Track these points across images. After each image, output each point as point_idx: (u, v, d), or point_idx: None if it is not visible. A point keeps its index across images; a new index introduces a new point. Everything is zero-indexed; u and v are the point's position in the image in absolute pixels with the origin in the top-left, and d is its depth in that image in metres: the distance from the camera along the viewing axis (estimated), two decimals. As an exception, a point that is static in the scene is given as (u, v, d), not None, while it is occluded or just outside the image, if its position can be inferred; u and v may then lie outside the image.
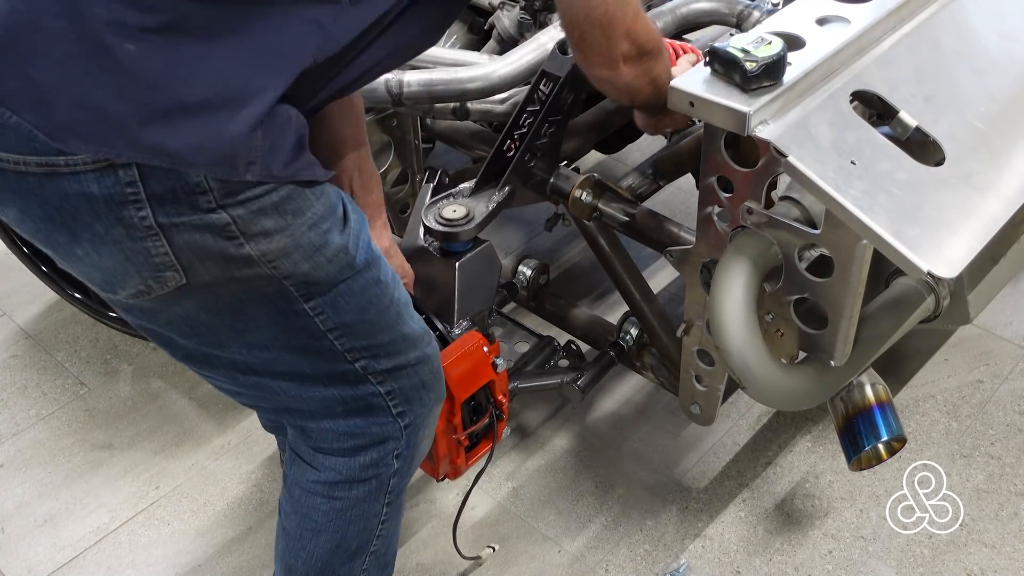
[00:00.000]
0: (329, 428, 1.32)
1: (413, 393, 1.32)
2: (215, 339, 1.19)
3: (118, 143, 0.96)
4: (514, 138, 1.57)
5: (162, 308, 1.14)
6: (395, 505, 1.43)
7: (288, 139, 1.06)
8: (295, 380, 1.25)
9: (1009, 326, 2.20)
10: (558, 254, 2.52)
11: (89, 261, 1.07)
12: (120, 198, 0.99)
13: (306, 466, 1.36)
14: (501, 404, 1.59)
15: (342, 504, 1.37)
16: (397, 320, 1.26)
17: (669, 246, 1.47)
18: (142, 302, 1.13)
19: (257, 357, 1.21)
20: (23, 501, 1.98)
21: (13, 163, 0.98)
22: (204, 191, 1.01)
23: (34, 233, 1.07)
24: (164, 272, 1.07)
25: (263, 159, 1.03)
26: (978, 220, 1.16)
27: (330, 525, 1.38)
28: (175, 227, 1.03)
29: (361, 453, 1.33)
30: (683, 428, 2.05)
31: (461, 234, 1.54)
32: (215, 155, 0.99)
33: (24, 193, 1.01)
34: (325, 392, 1.27)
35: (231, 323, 1.17)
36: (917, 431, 1.99)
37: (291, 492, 1.40)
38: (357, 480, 1.35)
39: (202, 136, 0.98)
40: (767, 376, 1.30)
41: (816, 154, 1.15)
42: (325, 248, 1.13)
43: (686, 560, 1.80)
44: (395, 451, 1.35)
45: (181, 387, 2.22)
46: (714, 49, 1.20)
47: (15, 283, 2.50)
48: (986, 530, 1.81)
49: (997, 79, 1.33)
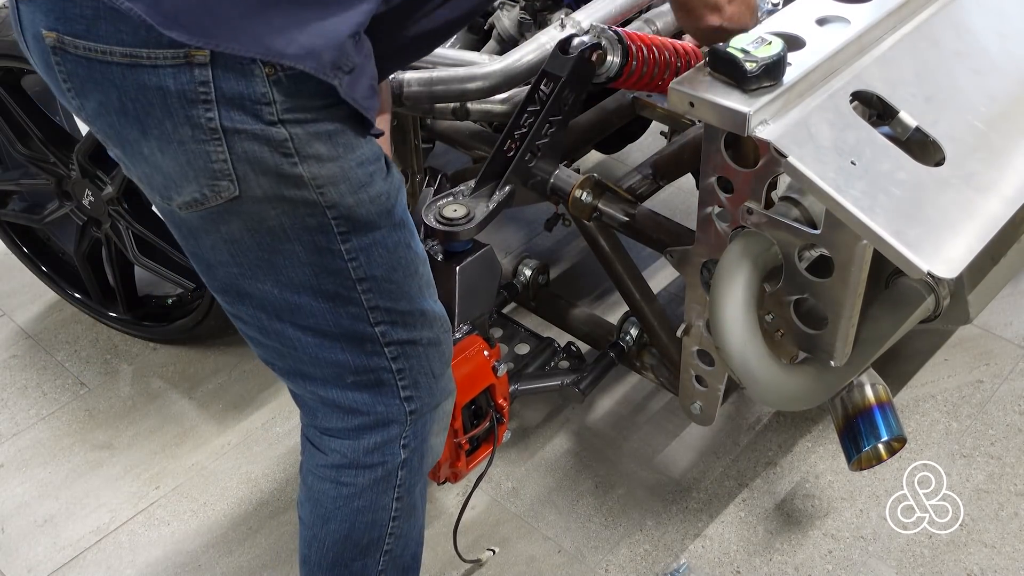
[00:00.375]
0: (335, 400, 1.33)
1: (421, 378, 1.34)
2: (252, 271, 1.23)
3: (219, 34, 1.02)
4: (514, 138, 1.57)
5: (210, 227, 1.19)
6: (407, 503, 1.43)
7: (368, 72, 1.12)
8: (316, 335, 1.28)
9: (1009, 326, 2.20)
10: (558, 254, 2.52)
11: (153, 161, 1.12)
12: (192, 95, 1.05)
13: (315, 451, 1.39)
14: (501, 408, 1.59)
15: (349, 491, 1.38)
16: (420, 293, 1.30)
17: (669, 246, 1.47)
18: (192, 215, 1.17)
19: (287, 300, 1.25)
20: (23, 501, 1.98)
21: (100, 52, 1.04)
22: (268, 102, 1.07)
23: (107, 128, 1.12)
24: (220, 180, 1.12)
25: (350, 77, 1.09)
26: (978, 220, 1.16)
27: (338, 512, 1.39)
28: (237, 133, 1.08)
29: (366, 435, 1.35)
30: (683, 428, 2.05)
31: (461, 233, 1.54)
32: (313, 48, 1.05)
33: (106, 83, 1.06)
34: (340, 356, 1.29)
35: (270, 255, 1.21)
36: (917, 431, 1.99)
37: (305, 480, 1.42)
38: (363, 465, 1.37)
39: (310, 32, 1.04)
40: (767, 376, 1.30)
41: (816, 154, 1.15)
42: (369, 187, 1.18)
43: (686, 560, 1.81)
44: (401, 438, 1.36)
45: (181, 387, 2.22)
46: (714, 49, 1.20)
47: (15, 283, 2.50)
48: (986, 530, 1.81)
49: (997, 79, 1.33)
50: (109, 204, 2.07)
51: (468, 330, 1.58)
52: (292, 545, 1.87)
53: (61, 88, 1.12)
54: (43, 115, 2.10)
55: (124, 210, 2.07)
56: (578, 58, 1.50)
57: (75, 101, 1.12)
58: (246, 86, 1.05)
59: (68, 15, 1.04)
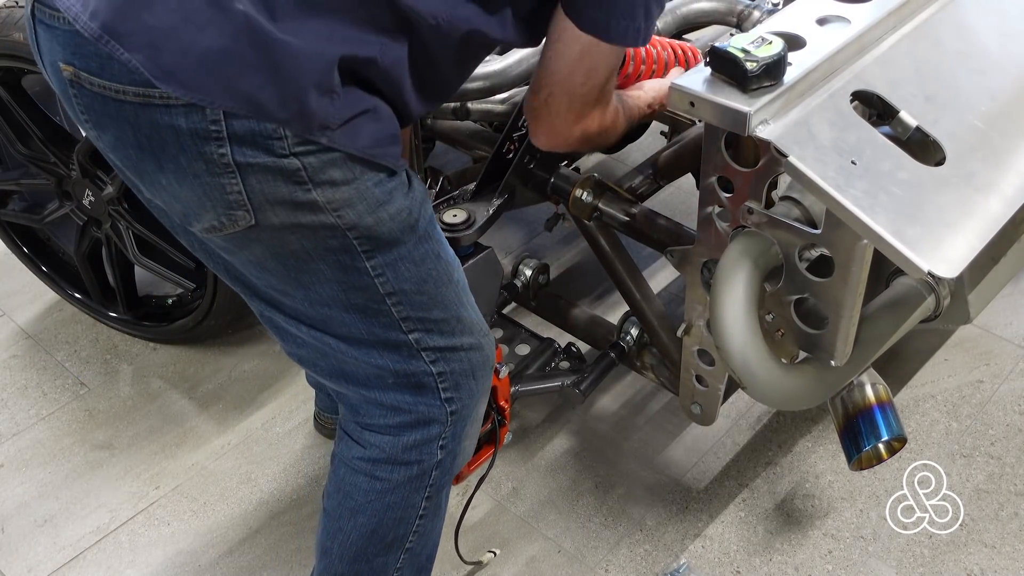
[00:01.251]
0: (378, 399, 1.35)
1: (462, 380, 1.35)
2: (281, 286, 1.26)
3: (212, 90, 1.06)
4: (513, 139, 1.57)
5: (234, 248, 1.22)
6: (434, 503, 1.44)
7: (367, 128, 1.14)
8: (352, 342, 1.30)
9: (1009, 326, 2.20)
10: (558, 254, 2.52)
11: (172, 191, 1.16)
12: (204, 133, 1.08)
13: (352, 443, 1.40)
14: (503, 410, 1.59)
15: (383, 485, 1.39)
16: (455, 301, 1.31)
17: (669, 246, 1.47)
18: (216, 238, 1.20)
19: (319, 312, 1.27)
20: (23, 501, 1.98)
21: (114, 91, 1.08)
22: (280, 136, 1.10)
23: (125, 160, 1.16)
24: (236, 211, 1.14)
25: (339, 131, 1.12)
26: (979, 220, 1.16)
27: (369, 507, 1.40)
28: (250, 167, 1.11)
29: (406, 433, 1.36)
30: (683, 428, 2.05)
31: (462, 239, 1.53)
32: (293, 112, 1.08)
33: (121, 120, 1.10)
34: (379, 360, 1.31)
35: (296, 275, 1.23)
36: (917, 431, 1.99)
37: (336, 471, 1.43)
38: (400, 462, 1.38)
39: (284, 93, 1.07)
40: (767, 376, 1.30)
41: (817, 154, 1.15)
42: (388, 204, 1.19)
43: (686, 560, 1.80)
44: (440, 438, 1.37)
45: (181, 387, 2.22)
46: (714, 49, 1.20)
47: (15, 283, 2.50)
48: (986, 530, 1.81)
49: (998, 78, 1.33)
50: (109, 204, 2.07)
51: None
52: (292, 545, 1.87)
53: (79, 118, 1.15)
54: (43, 115, 2.10)
55: (124, 210, 2.07)
56: None
57: (92, 132, 1.16)
58: (256, 124, 1.08)
59: (83, 52, 1.07)
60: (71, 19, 1.07)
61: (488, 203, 1.58)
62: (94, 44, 1.06)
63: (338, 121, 1.11)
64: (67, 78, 1.11)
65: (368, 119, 1.14)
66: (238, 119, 1.08)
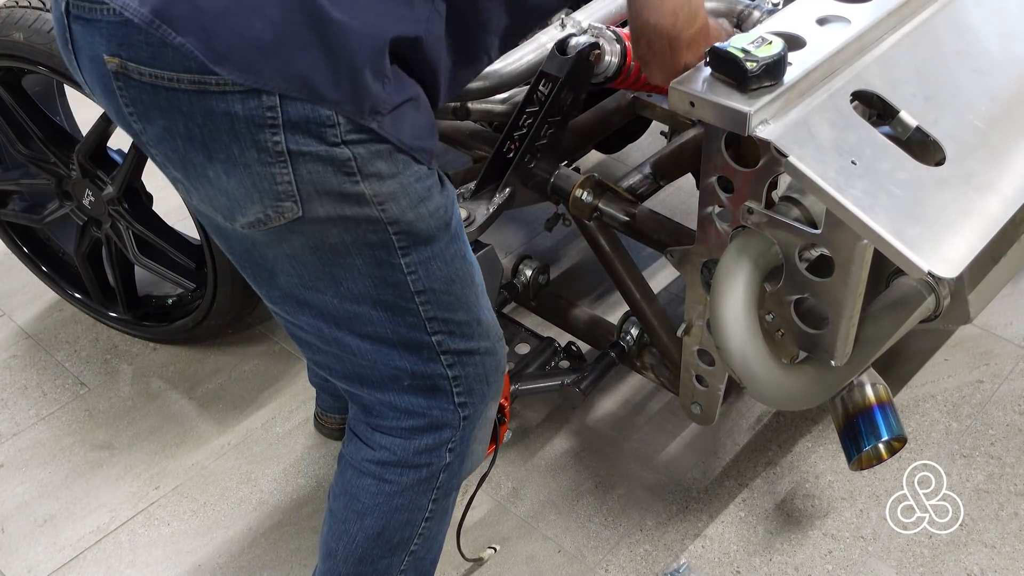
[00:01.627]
0: (392, 402, 1.35)
1: (476, 384, 1.36)
2: (313, 282, 1.25)
3: (266, 72, 1.05)
4: (514, 139, 1.57)
5: (272, 243, 1.21)
6: (441, 505, 1.44)
7: (410, 117, 1.14)
8: (374, 342, 1.29)
9: (1009, 326, 2.20)
10: (558, 254, 2.52)
11: (219, 184, 1.14)
12: (260, 120, 1.07)
13: (362, 444, 1.40)
14: (503, 409, 1.59)
15: (391, 488, 1.39)
16: (476, 303, 1.32)
17: (669, 246, 1.47)
18: (256, 233, 1.20)
19: (346, 310, 1.27)
20: (23, 501, 1.98)
21: (167, 79, 1.06)
22: (333, 124, 1.09)
23: (172, 152, 1.14)
24: (284, 202, 1.14)
25: (388, 117, 1.12)
26: (979, 220, 1.16)
27: (376, 509, 1.40)
28: (302, 155, 1.10)
29: (418, 436, 1.36)
30: (683, 428, 2.05)
31: None
32: (347, 93, 1.08)
33: (173, 109, 1.08)
34: (399, 362, 1.31)
35: (331, 269, 1.23)
36: (917, 431, 1.99)
37: (343, 473, 1.43)
38: (410, 465, 1.38)
39: (338, 74, 1.07)
40: (767, 376, 1.30)
41: (817, 154, 1.15)
42: (428, 200, 1.20)
43: (686, 560, 1.81)
44: (450, 442, 1.38)
45: (181, 387, 2.22)
46: (714, 49, 1.20)
47: (15, 283, 2.50)
48: (986, 530, 1.81)
49: (998, 78, 1.33)
50: (109, 204, 2.07)
51: None
52: (292, 545, 1.87)
53: (122, 112, 1.13)
54: (43, 115, 2.10)
55: (124, 210, 2.07)
56: (576, 59, 1.50)
57: (137, 125, 1.13)
58: (311, 109, 1.08)
59: (131, 41, 1.05)
60: (118, 7, 1.04)
61: (488, 202, 1.58)
62: (144, 31, 1.03)
63: (388, 106, 1.11)
64: (112, 70, 1.08)
65: (411, 108, 1.14)
66: (293, 104, 1.07)
